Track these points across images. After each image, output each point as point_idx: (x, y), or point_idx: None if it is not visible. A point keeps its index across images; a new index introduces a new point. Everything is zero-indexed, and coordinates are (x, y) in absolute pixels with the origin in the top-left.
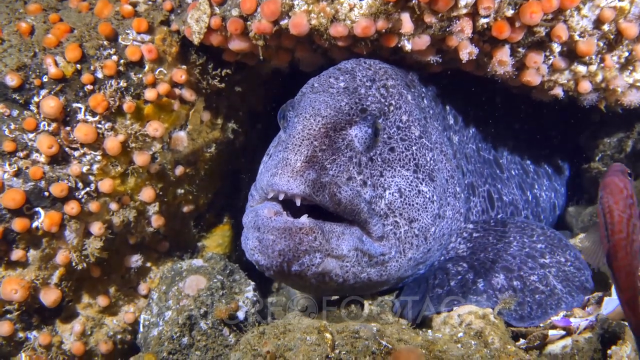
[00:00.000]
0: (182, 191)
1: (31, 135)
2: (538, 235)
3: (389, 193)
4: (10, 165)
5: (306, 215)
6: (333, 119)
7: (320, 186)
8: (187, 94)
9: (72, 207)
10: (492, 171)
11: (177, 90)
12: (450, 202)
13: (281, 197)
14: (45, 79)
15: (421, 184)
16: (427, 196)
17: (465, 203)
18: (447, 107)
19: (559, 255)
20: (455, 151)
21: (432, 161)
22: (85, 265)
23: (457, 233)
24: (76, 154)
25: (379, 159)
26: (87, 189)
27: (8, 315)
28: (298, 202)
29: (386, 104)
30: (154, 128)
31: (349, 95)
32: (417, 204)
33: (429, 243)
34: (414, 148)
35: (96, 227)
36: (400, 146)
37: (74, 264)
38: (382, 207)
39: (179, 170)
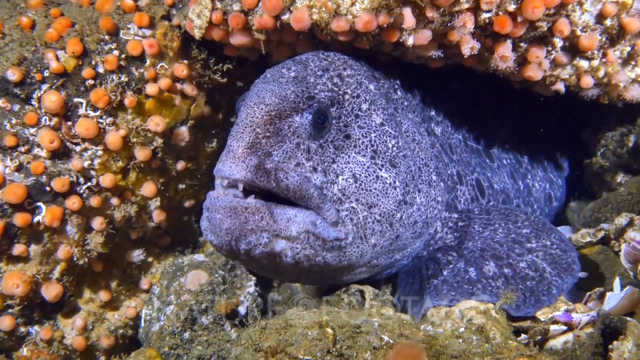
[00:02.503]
0: (184, 186)
1: (32, 130)
2: (522, 221)
3: (342, 179)
4: (11, 160)
5: (253, 195)
6: (277, 107)
7: (264, 172)
8: (189, 89)
9: (73, 202)
10: (481, 160)
11: (178, 85)
12: (422, 189)
13: (225, 182)
14: (46, 73)
15: (380, 169)
16: (388, 182)
17: (451, 192)
18: (428, 100)
19: (545, 239)
20: (433, 141)
21: (394, 148)
22: (86, 260)
23: (443, 223)
24: (77, 148)
25: (331, 146)
26: (89, 183)
27: (10, 310)
28: (240, 187)
29: (340, 92)
30: (155, 123)
31: (297, 84)
32: (375, 189)
33: (396, 229)
34: (372, 135)
35: (97, 222)
36: (357, 133)
37: (75, 258)
38: (335, 193)
39: (181, 165)
